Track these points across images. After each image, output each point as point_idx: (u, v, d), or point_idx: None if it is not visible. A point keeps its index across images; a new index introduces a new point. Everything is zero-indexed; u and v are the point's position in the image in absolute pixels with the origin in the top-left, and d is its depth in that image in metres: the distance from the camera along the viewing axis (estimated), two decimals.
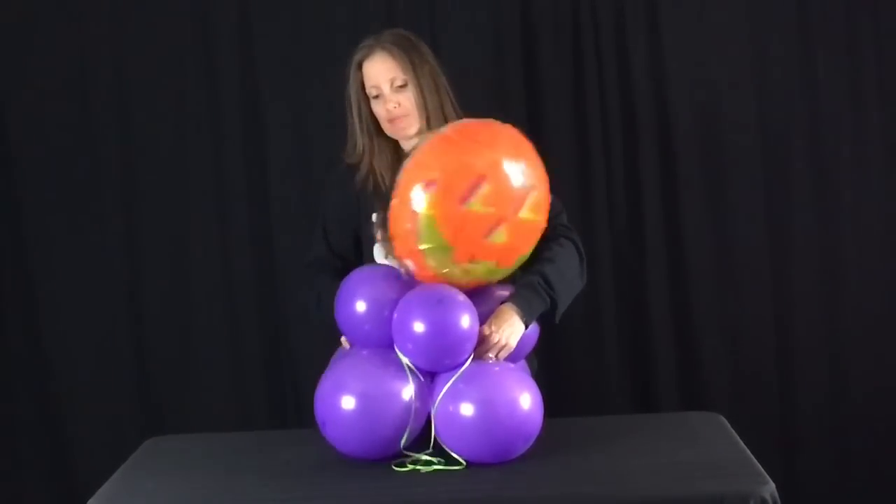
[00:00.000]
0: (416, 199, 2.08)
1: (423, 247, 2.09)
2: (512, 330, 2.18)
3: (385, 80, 2.39)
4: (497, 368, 2.13)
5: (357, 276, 2.21)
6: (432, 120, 2.40)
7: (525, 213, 2.13)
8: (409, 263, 2.14)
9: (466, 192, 2.06)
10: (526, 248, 2.19)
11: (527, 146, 2.20)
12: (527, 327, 2.20)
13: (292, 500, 1.98)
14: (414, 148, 2.19)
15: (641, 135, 3.25)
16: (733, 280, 3.30)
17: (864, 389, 3.31)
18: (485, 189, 2.07)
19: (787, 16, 3.25)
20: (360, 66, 2.43)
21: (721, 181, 3.28)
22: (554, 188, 2.41)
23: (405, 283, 2.16)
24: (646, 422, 2.48)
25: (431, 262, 2.11)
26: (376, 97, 2.42)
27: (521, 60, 3.25)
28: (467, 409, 2.05)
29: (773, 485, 1.92)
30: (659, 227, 3.27)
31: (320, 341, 2.47)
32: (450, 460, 2.09)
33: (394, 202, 2.13)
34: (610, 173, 3.26)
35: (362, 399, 2.05)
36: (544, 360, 3.25)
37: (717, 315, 3.30)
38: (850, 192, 3.28)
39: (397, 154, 2.46)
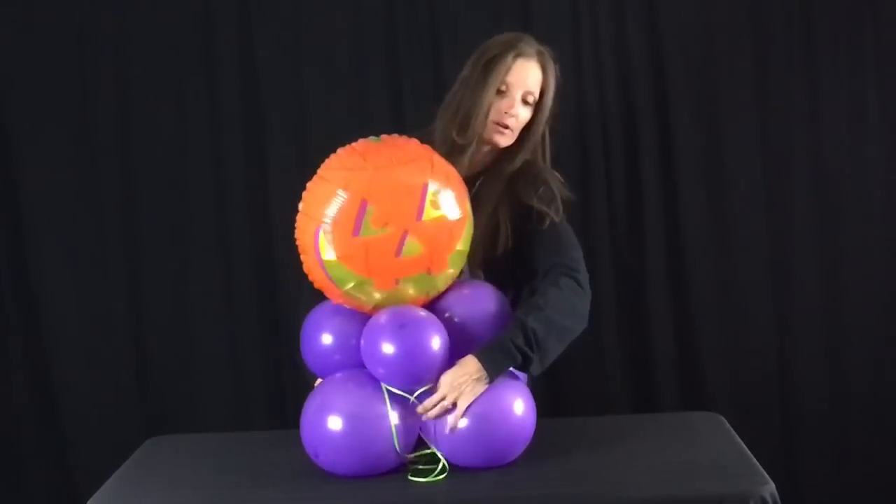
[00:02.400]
0: (316, 247, 2.05)
1: (346, 288, 2.07)
2: (470, 390, 2.04)
3: (523, 87, 2.28)
4: None
5: (318, 311, 2.19)
6: (531, 140, 2.32)
7: (428, 214, 2.05)
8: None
9: (354, 222, 2.02)
10: (453, 244, 2.09)
11: (407, 146, 2.12)
12: (491, 381, 2.07)
13: (292, 501, 1.98)
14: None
15: (641, 135, 3.26)
16: (733, 280, 3.30)
17: (864, 389, 3.31)
18: (371, 211, 2.01)
19: (788, 15, 3.25)
20: (515, 58, 2.28)
21: (721, 181, 3.28)
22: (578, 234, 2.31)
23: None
24: (646, 422, 2.47)
25: (362, 298, 2.08)
26: (502, 92, 2.28)
27: None
28: (460, 422, 2.04)
29: (773, 485, 1.92)
30: (659, 228, 3.27)
31: None
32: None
33: (303, 257, 2.12)
34: (610, 173, 3.26)
35: (350, 421, 2.02)
36: None
37: (717, 315, 3.30)
38: (851, 192, 3.28)
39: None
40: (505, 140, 2.30)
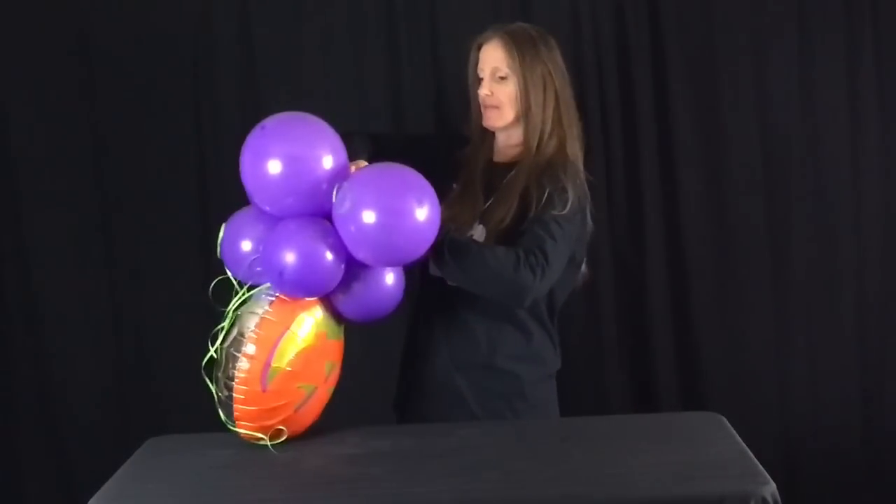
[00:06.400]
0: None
1: None
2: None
3: (488, 67, 2.50)
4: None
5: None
6: (532, 117, 2.48)
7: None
8: None
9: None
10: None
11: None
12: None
13: (292, 500, 1.98)
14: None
15: (641, 135, 3.25)
16: (733, 280, 3.30)
17: (863, 389, 3.32)
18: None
19: (788, 16, 3.25)
20: (479, 48, 2.54)
21: (721, 182, 3.29)
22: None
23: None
24: (646, 422, 2.47)
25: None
26: (481, 80, 2.52)
27: None
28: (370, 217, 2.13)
29: (773, 485, 1.92)
30: (659, 227, 3.27)
31: None
32: None
33: None
34: (610, 174, 3.26)
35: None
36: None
37: (717, 315, 3.30)
38: (850, 193, 3.29)
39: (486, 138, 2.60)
40: (493, 119, 2.53)
